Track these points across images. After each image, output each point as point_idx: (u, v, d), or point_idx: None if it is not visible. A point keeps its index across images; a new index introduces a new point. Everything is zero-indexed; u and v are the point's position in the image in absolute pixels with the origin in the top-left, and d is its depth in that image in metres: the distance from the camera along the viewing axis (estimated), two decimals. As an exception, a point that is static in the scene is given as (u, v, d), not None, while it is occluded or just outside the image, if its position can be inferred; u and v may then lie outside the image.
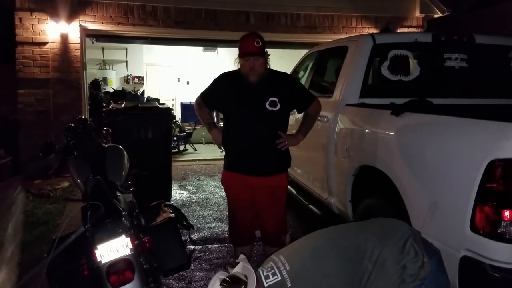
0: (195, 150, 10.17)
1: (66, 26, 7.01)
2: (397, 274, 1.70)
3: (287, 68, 4.83)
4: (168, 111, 5.36)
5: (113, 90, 10.27)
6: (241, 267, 1.68)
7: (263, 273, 1.69)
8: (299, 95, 2.96)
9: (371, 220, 2.08)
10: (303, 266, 1.71)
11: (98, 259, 2.00)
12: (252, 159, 2.79)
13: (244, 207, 2.91)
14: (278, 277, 1.66)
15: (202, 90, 3.04)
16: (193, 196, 5.96)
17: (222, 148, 2.98)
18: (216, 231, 4.49)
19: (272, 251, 2.65)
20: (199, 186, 6.57)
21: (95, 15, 7.19)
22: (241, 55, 2.75)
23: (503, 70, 3.63)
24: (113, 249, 2.03)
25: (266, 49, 2.78)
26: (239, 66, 2.81)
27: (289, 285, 1.64)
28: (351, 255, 1.73)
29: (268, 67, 2.83)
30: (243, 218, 2.94)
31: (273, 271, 1.69)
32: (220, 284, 1.60)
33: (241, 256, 1.77)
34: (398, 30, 7.77)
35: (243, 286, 1.60)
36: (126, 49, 11.93)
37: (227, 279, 1.62)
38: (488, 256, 1.83)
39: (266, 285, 1.65)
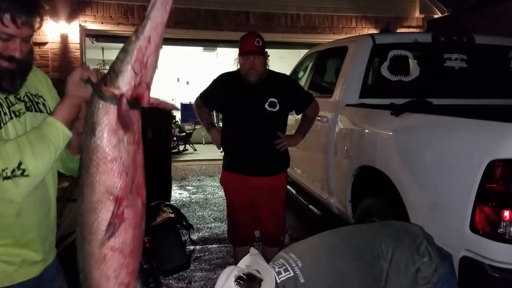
0: (195, 150, 10.18)
1: (66, 26, 7.00)
2: (412, 276, 1.69)
3: (287, 68, 4.84)
4: (168, 111, 5.35)
5: (113, 90, 10.26)
6: (251, 261, 1.62)
7: (274, 269, 1.65)
8: (298, 96, 2.97)
9: (383, 223, 2.07)
10: (317, 263, 1.67)
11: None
12: (251, 159, 2.79)
13: (243, 207, 2.91)
14: (290, 273, 1.61)
15: (202, 90, 3.04)
16: (193, 196, 5.96)
17: (221, 148, 2.98)
18: (215, 231, 4.49)
19: (271, 251, 2.66)
20: (199, 186, 6.57)
21: (95, 15, 7.18)
22: (241, 54, 2.75)
23: (503, 71, 3.63)
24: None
25: (266, 50, 2.78)
26: (238, 66, 2.81)
27: (302, 281, 1.60)
28: (366, 255, 1.71)
29: (267, 68, 2.83)
30: (242, 218, 2.94)
31: (284, 267, 1.64)
32: (235, 281, 1.53)
33: (254, 250, 1.73)
34: (398, 31, 7.77)
35: (259, 285, 1.54)
36: (126, 49, 11.90)
37: (243, 276, 1.54)
38: (488, 256, 1.83)
39: (278, 281, 1.61)
